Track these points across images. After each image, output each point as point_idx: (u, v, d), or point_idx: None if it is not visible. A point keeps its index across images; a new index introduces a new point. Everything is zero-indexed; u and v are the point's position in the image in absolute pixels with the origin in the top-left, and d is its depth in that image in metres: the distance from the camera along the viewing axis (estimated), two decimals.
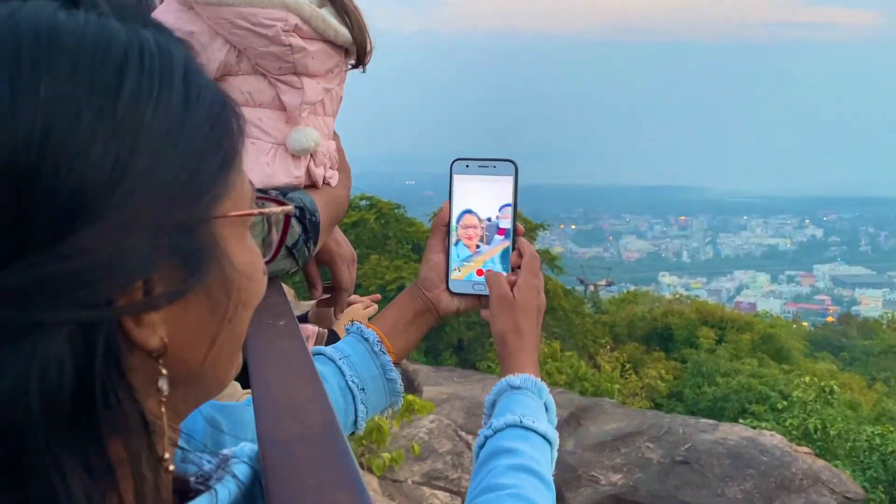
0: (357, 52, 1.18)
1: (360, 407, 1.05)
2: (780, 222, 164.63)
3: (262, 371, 0.63)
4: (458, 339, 21.03)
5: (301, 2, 1.07)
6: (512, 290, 1.09)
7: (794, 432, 12.04)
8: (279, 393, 0.60)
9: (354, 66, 1.22)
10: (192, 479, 0.54)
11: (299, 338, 0.73)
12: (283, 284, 1.12)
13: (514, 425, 0.95)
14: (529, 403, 0.99)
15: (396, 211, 22.68)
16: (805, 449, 9.08)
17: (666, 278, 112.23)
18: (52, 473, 0.39)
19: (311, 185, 1.21)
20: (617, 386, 16.44)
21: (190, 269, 0.45)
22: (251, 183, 0.52)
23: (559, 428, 1.00)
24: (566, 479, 7.48)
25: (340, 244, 1.37)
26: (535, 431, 0.95)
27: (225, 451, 0.56)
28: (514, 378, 1.02)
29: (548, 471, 0.92)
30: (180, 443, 0.52)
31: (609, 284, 40.52)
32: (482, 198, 1.14)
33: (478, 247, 1.14)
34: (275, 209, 0.59)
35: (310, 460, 0.50)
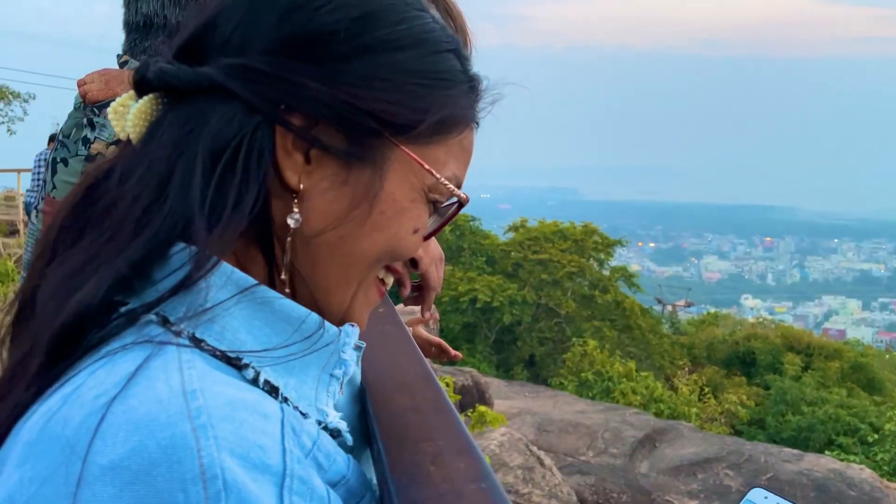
0: None
1: None
2: (873, 246, 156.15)
3: (370, 352, 0.65)
4: (529, 354, 20.84)
5: None
6: None
7: (885, 467, 11.42)
8: (389, 372, 0.62)
9: None
10: None
11: (400, 323, 0.75)
12: None
13: None
14: None
15: (471, 223, 22.73)
16: None
17: (748, 301, 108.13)
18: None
19: None
20: (694, 409, 15.89)
21: (349, 150, 0.53)
22: (456, 177, 0.58)
23: (634, 449, 0.92)
24: (640, 501, 7.28)
25: (429, 243, 1.39)
26: None
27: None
28: None
29: None
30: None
31: (688, 305, 39.37)
32: None
33: None
34: (447, 202, 0.63)
35: (425, 429, 0.52)
